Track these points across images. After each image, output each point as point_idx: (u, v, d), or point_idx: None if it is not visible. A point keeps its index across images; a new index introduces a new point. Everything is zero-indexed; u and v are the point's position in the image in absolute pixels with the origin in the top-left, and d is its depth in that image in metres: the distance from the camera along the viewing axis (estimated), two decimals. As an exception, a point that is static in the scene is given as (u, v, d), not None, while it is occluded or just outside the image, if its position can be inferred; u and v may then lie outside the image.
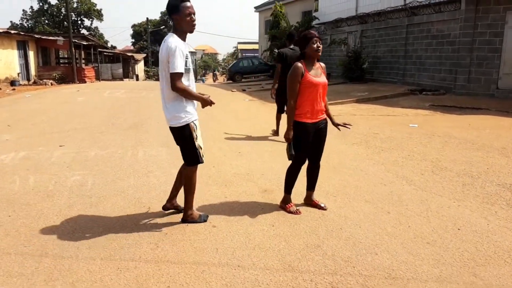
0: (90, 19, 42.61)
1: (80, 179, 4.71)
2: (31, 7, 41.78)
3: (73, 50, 22.75)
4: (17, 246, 3.09)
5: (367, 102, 12.05)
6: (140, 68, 41.35)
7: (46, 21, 40.26)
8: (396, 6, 16.41)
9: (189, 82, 3.21)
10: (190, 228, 3.37)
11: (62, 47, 23.52)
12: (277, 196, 4.05)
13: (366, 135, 7.22)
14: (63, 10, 41.26)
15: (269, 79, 25.59)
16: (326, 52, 22.12)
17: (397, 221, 3.57)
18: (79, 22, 42.69)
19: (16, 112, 10.18)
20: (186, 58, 3.09)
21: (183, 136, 3.24)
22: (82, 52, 28.28)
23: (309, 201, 3.88)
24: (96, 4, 42.14)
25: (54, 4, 40.17)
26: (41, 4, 39.73)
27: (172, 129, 3.29)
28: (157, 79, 43.58)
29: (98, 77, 26.35)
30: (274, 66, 27.22)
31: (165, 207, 3.70)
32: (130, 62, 35.72)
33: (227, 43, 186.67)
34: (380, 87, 15.16)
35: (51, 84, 21.05)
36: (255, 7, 37.78)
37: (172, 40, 3.05)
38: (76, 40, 23.58)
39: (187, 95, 3.14)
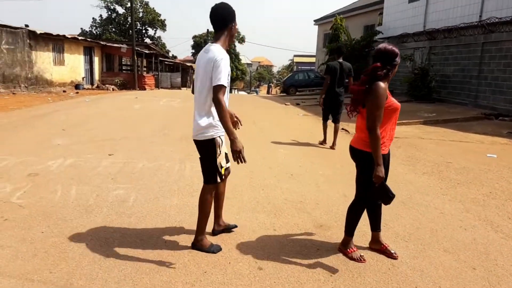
0: (154, 29, 44.45)
1: (122, 193, 4.43)
2: (100, 15, 44.44)
3: (135, 58, 23.52)
4: (43, 271, 2.78)
5: (435, 125, 11.03)
6: (197, 77, 42.28)
7: (113, 29, 42.51)
8: (470, 23, 15.18)
9: (226, 96, 2.91)
10: (232, 269, 2.89)
11: (125, 54, 24.44)
12: (335, 234, 3.48)
13: (438, 164, 6.39)
14: (129, 19, 43.38)
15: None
16: (388, 68, 21.05)
17: (486, 281, 2.86)
18: (144, 31, 44.64)
19: (73, 116, 10.42)
20: (229, 73, 2.89)
21: (206, 150, 3.02)
22: (144, 60, 29.36)
23: (376, 246, 3.24)
24: (160, 15, 43.92)
25: (121, 13, 42.38)
26: (109, 13, 42.09)
27: (196, 142, 3.06)
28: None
29: (157, 85, 27.08)
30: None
31: (214, 232, 3.41)
32: (188, 72, 36.55)
33: (283, 55, 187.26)
34: (449, 108, 13.96)
35: (112, 90, 21.84)
36: (314, 20, 37.34)
37: (220, 51, 2.85)
38: (138, 48, 24.40)
39: (222, 113, 2.78)
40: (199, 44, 52.24)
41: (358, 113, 3.06)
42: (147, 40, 43.59)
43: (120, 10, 42.37)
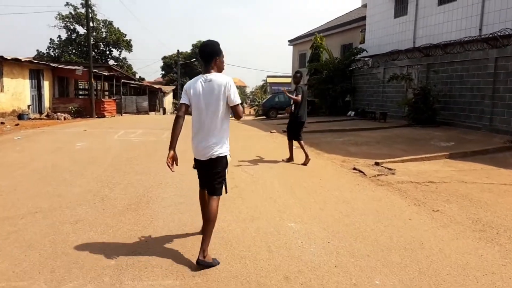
0: (119, 50, 41.42)
1: None
2: (59, 36, 41.06)
3: (92, 81, 20.58)
4: None
5: (463, 159, 8.74)
6: (168, 100, 39.49)
7: (74, 51, 39.20)
8: (475, 36, 13.33)
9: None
10: None
11: (81, 77, 21.48)
12: None
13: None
14: (91, 39, 40.27)
15: (311, 116, 22.59)
16: (378, 88, 19.07)
17: None
18: (107, 52, 41.54)
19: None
20: None
21: (220, 166, 3.37)
22: (106, 84, 26.39)
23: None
24: (125, 35, 41.00)
25: (82, 33, 39.22)
26: (69, 33, 38.84)
27: (211, 160, 3.34)
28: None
29: (119, 111, 24.10)
30: (313, 102, 24.29)
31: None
32: (157, 95, 33.72)
33: (256, 76, 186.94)
34: (463, 134, 11.84)
35: (64, 119, 18.77)
36: (289, 41, 35.70)
37: (223, 76, 3.31)
38: (96, 70, 21.47)
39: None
40: (168, 65, 49.73)
41: None
42: (112, 62, 40.56)
43: (81, 30, 39.26)
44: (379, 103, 18.91)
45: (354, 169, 7.60)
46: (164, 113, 34.40)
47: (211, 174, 3.37)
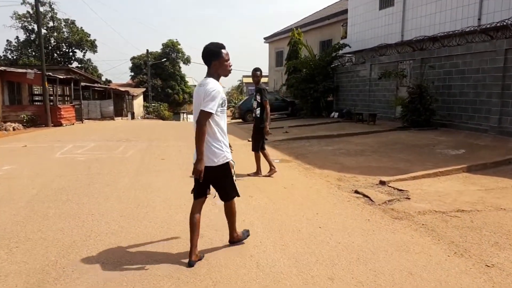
0: (83, 51, 38.59)
1: None
2: (17, 37, 37.92)
3: (46, 85, 18.18)
4: None
5: (485, 172, 7.12)
6: (138, 104, 37.01)
7: (33, 53, 36.21)
8: (482, 25, 11.87)
9: (223, 122, 3.37)
10: None
11: (34, 81, 18.99)
12: None
13: None
14: (52, 40, 37.37)
15: (291, 118, 20.90)
16: (364, 86, 17.49)
17: None
18: (71, 53, 38.67)
19: None
20: (223, 101, 3.27)
21: (224, 172, 3.35)
22: (67, 88, 23.94)
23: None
24: (89, 35, 38.23)
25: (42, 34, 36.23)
26: (27, 34, 35.83)
27: (214, 167, 3.28)
28: (158, 116, 39.62)
29: (80, 118, 21.71)
30: (293, 103, 22.58)
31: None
32: (124, 98, 31.30)
33: (232, 76, 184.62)
34: (471, 138, 10.31)
35: (14, 130, 16.35)
36: (264, 38, 33.96)
37: (213, 84, 3.20)
38: (50, 73, 19.05)
39: (200, 136, 3.14)
40: (138, 66, 47.03)
41: None
42: (75, 64, 37.79)
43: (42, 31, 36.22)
44: (366, 103, 17.35)
45: (356, 192, 5.84)
46: (132, 117, 31.97)
47: (218, 182, 3.45)
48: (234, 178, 3.46)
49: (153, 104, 39.90)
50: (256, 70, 6.66)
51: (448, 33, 12.83)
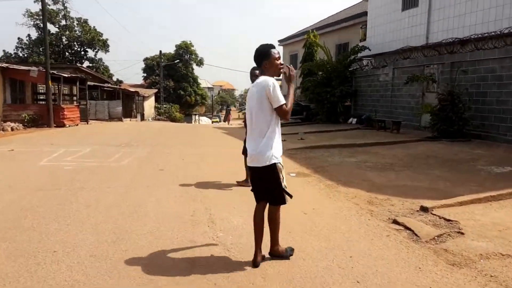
0: (94, 50, 37.99)
1: None
2: (28, 35, 37.46)
3: (50, 84, 17.37)
4: None
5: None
6: (149, 105, 36.21)
7: (44, 51, 35.72)
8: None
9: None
10: None
11: (37, 79, 18.21)
12: None
13: None
14: (64, 39, 36.86)
15: (306, 123, 19.76)
16: (386, 91, 16.28)
17: None
18: (82, 52, 38.08)
19: None
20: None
21: (270, 175, 3.21)
22: (74, 88, 23.18)
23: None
24: (101, 34, 37.57)
25: (54, 32, 35.75)
26: (39, 32, 35.35)
27: (259, 168, 3.22)
28: (169, 118, 38.72)
29: (85, 118, 20.88)
30: (308, 107, 21.46)
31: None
32: (134, 99, 30.51)
33: (245, 79, 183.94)
34: (508, 152, 9.07)
35: (12, 130, 15.54)
36: (279, 41, 32.92)
37: (268, 79, 3.18)
38: (55, 72, 18.24)
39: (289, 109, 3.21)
40: (150, 67, 46.39)
41: None
42: (87, 63, 37.19)
43: (53, 29, 35.77)
44: (388, 109, 16.12)
45: (396, 222, 4.70)
46: (142, 119, 31.15)
47: (262, 184, 3.32)
48: (284, 183, 3.26)
49: (164, 106, 39.12)
50: (255, 69, 5.81)
51: (483, 35, 11.59)
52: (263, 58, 3.29)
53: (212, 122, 50.13)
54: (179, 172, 7.21)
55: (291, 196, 3.30)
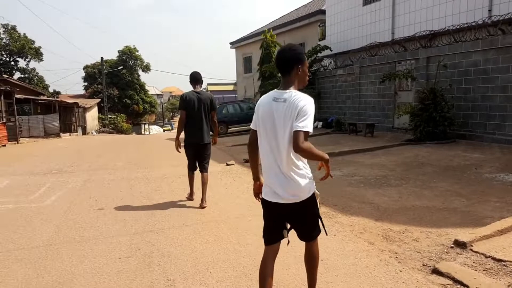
0: (26, 59, 34.27)
1: None
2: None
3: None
4: None
5: None
6: (91, 116, 33.15)
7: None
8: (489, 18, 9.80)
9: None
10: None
11: (-51, 94, 15.27)
12: None
13: None
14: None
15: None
16: (352, 92, 15.17)
17: None
18: (12, 62, 34.24)
19: None
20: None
21: (310, 207, 2.48)
22: (0, 102, 20.05)
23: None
24: (34, 41, 33.99)
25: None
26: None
27: (299, 203, 2.41)
28: (115, 129, 35.90)
29: (15, 137, 18.00)
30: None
31: None
32: (73, 111, 27.52)
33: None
34: (509, 153, 8.07)
35: None
36: (231, 43, 31.36)
37: (306, 96, 2.32)
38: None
39: (312, 153, 2.29)
40: (92, 75, 42.92)
41: None
42: (17, 74, 33.46)
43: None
44: (356, 111, 15.03)
45: (437, 272, 3.23)
46: (84, 132, 28.20)
47: (300, 219, 2.54)
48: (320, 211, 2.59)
49: (109, 116, 36.11)
50: (196, 73, 5.65)
51: (461, 25, 10.68)
52: (296, 62, 2.42)
53: (164, 130, 47.42)
54: (125, 211, 5.33)
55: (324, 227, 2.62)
